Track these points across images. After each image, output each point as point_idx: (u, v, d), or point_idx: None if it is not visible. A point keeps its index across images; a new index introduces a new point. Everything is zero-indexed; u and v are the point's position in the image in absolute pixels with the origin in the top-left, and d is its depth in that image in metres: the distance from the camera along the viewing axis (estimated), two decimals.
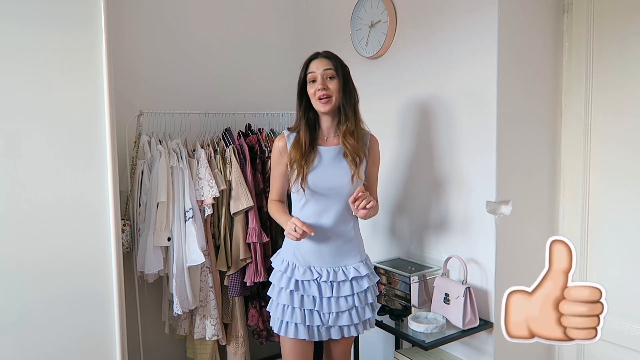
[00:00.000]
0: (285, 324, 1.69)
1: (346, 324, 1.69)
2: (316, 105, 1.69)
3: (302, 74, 1.71)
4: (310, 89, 1.69)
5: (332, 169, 1.70)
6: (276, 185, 1.82)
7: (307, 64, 1.71)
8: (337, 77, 1.67)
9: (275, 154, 1.78)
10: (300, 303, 1.67)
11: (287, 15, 2.88)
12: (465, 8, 1.88)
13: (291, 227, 1.62)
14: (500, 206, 1.86)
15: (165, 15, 2.50)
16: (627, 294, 1.81)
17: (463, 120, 1.93)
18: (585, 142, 1.91)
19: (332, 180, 1.69)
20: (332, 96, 1.66)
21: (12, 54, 1.64)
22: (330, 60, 1.69)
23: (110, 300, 1.82)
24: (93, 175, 1.78)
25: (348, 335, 1.72)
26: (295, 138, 1.73)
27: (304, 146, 1.68)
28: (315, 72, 1.67)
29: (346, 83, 1.69)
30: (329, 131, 1.74)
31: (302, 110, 1.73)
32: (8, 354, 1.68)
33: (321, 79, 1.66)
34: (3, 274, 1.65)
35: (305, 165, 1.67)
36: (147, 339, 2.42)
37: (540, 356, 2.05)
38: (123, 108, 2.22)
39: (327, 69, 1.66)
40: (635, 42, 1.75)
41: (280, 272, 1.73)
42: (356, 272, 1.70)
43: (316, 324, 1.67)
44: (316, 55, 1.71)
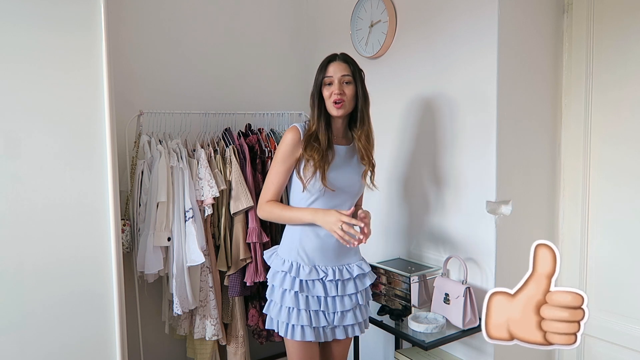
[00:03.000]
0: (291, 327, 1.67)
1: (351, 323, 1.69)
2: (329, 108, 1.68)
3: (320, 76, 1.70)
4: (325, 92, 1.68)
5: (347, 167, 1.73)
6: (277, 183, 1.72)
7: (325, 66, 1.69)
8: (353, 82, 1.68)
9: (288, 146, 1.68)
10: (305, 304, 1.65)
11: (287, 15, 2.88)
12: (465, 8, 1.88)
13: (342, 219, 1.54)
14: (500, 206, 1.86)
15: (165, 15, 2.50)
16: (627, 293, 1.81)
17: (463, 120, 1.93)
18: (585, 141, 1.91)
19: (348, 178, 1.72)
20: (346, 101, 1.67)
21: (12, 54, 1.64)
22: (349, 65, 1.69)
23: (110, 300, 1.82)
24: (93, 175, 1.78)
25: (352, 335, 1.73)
26: (309, 137, 1.68)
27: (325, 145, 1.66)
28: (332, 77, 1.67)
29: (362, 88, 1.70)
30: (339, 132, 1.76)
31: (320, 111, 1.70)
32: (8, 354, 1.67)
33: (338, 83, 1.66)
34: (3, 274, 1.65)
35: (326, 164, 1.66)
36: (147, 339, 2.42)
37: (540, 356, 2.05)
38: (123, 108, 2.22)
39: (345, 74, 1.67)
40: (635, 42, 1.75)
41: (283, 273, 1.70)
42: (360, 270, 1.71)
43: (322, 324, 1.67)
44: (334, 58, 1.70)
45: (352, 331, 1.72)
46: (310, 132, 1.69)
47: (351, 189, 1.74)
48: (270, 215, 1.74)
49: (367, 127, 1.73)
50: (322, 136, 1.67)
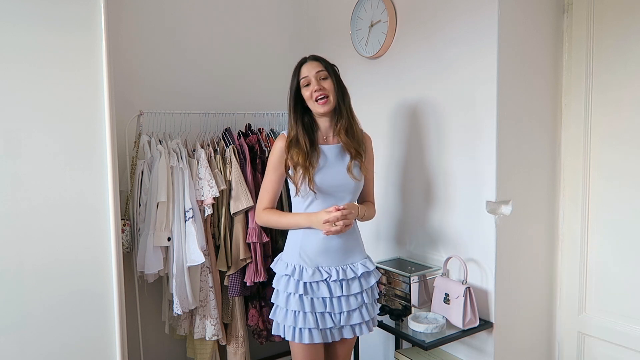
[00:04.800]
0: (299, 331, 1.66)
1: (357, 322, 1.69)
2: (314, 108, 1.70)
3: (294, 81, 1.73)
4: (305, 92, 1.71)
5: (338, 167, 1.72)
6: (271, 190, 1.78)
7: (298, 69, 1.73)
8: (329, 77, 1.71)
9: (277, 155, 1.75)
10: (311, 307, 1.65)
11: (287, 15, 2.88)
12: (465, 8, 1.88)
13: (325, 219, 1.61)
14: (500, 206, 1.86)
15: (165, 15, 2.50)
16: (627, 293, 1.81)
17: (463, 120, 1.93)
18: (585, 142, 1.91)
19: (339, 177, 1.71)
20: (330, 95, 1.69)
21: (12, 54, 1.64)
22: (320, 62, 1.73)
23: (110, 300, 1.82)
24: (93, 175, 1.78)
25: (360, 334, 1.73)
26: (290, 142, 1.71)
27: (306, 148, 1.68)
28: (308, 76, 1.70)
29: (339, 82, 1.74)
30: (328, 132, 1.76)
31: (297, 117, 1.74)
32: (8, 354, 1.67)
33: (315, 80, 1.69)
34: (3, 274, 1.65)
35: (310, 167, 1.67)
36: (147, 339, 2.42)
37: (541, 356, 2.05)
38: (123, 108, 2.22)
39: (319, 70, 1.70)
40: (635, 42, 1.75)
41: (287, 277, 1.70)
42: (364, 268, 1.71)
43: (329, 325, 1.66)
44: (304, 60, 1.74)
45: (359, 330, 1.71)
46: (291, 138, 1.72)
47: (345, 187, 1.71)
48: (269, 222, 1.80)
49: (346, 120, 1.72)
50: (302, 139, 1.70)
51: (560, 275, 2.04)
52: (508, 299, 1.89)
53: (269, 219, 1.78)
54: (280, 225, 1.78)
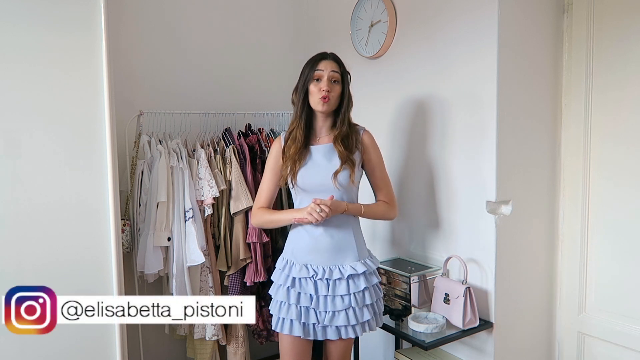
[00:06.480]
0: (281, 320, 1.72)
1: (343, 325, 1.68)
2: (315, 103, 1.71)
3: (311, 72, 1.72)
4: (313, 87, 1.71)
5: (322, 166, 1.72)
6: (267, 190, 1.82)
7: (317, 62, 1.72)
8: (340, 82, 1.74)
9: (274, 157, 1.81)
10: (296, 300, 1.69)
11: (287, 15, 2.88)
12: (465, 8, 1.88)
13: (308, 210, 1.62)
14: (500, 206, 1.86)
15: (165, 16, 2.50)
16: (627, 293, 1.81)
17: (463, 120, 1.93)
18: (585, 141, 1.91)
19: (320, 176, 1.71)
20: (332, 99, 1.71)
21: (12, 54, 1.64)
22: (339, 64, 1.75)
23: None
24: (93, 175, 1.78)
25: (345, 337, 1.70)
26: (291, 136, 1.76)
27: (299, 144, 1.73)
28: (323, 72, 1.70)
29: (347, 90, 1.76)
30: (321, 130, 1.78)
31: (303, 109, 1.75)
32: (8, 354, 1.67)
33: (327, 80, 1.70)
34: (3, 274, 1.65)
35: (298, 162, 1.72)
36: (147, 339, 2.42)
37: (540, 356, 2.05)
38: (123, 108, 2.22)
39: (334, 71, 1.72)
40: (635, 42, 1.75)
41: (280, 270, 1.77)
42: (352, 270, 1.69)
43: (312, 321, 1.68)
44: (326, 56, 1.74)
45: (345, 332, 1.69)
46: (291, 130, 1.76)
47: (327, 187, 1.69)
48: (261, 220, 1.82)
49: (346, 129, 1.74)
50: (300, 134, 1.73)
51: (560, 275, 2.04)
52: (508, 299, 1.89)
53: (261, 217, 1.82)
54: (271, 222, 1.81)
